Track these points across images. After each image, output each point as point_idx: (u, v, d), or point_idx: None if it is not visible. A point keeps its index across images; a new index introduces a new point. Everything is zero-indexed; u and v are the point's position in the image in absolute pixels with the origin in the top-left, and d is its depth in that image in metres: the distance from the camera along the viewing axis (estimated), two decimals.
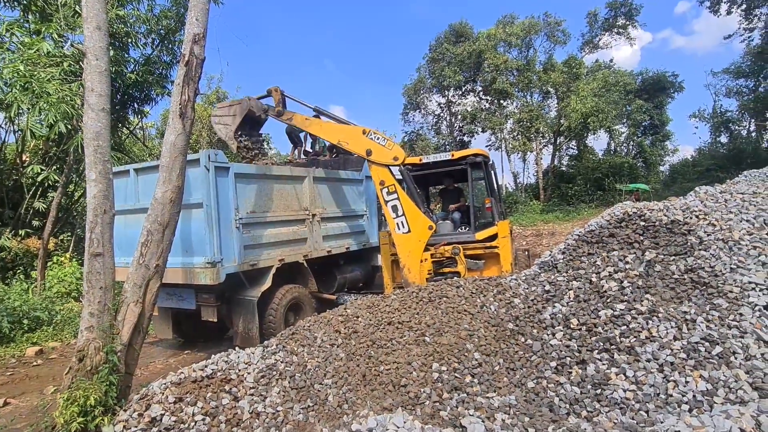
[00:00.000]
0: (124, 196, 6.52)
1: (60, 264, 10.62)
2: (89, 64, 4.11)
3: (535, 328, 4.27)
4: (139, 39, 10.69)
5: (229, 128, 7.74)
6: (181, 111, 4.30)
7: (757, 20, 27.02)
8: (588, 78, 29.18)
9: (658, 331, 3.71)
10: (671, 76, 31.84)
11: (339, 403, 3.89)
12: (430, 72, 31.54)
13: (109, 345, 3.84)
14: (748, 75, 30.01)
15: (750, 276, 3.97)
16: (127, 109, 11.80)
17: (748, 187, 5.57)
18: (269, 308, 6.77)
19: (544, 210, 27.44)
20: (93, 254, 3.98)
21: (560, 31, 29.92)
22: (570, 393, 3.54)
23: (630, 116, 30.49)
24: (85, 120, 4.09)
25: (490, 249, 6.96)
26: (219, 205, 6.06)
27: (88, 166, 4.06)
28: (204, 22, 4.42)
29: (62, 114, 7.98)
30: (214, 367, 4.35)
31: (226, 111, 7.90)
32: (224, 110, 7.95)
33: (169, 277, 5.55)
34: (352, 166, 9.59)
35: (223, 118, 7.87)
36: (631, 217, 5.15)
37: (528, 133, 29.72)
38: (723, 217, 4.81)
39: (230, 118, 7.78)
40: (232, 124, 7.73)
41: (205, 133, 20.82)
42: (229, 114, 7.82)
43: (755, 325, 3.51)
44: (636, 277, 4.33)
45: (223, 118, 7.87)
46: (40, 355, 7.59)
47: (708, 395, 3.15)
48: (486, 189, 7.72)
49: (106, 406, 3.69)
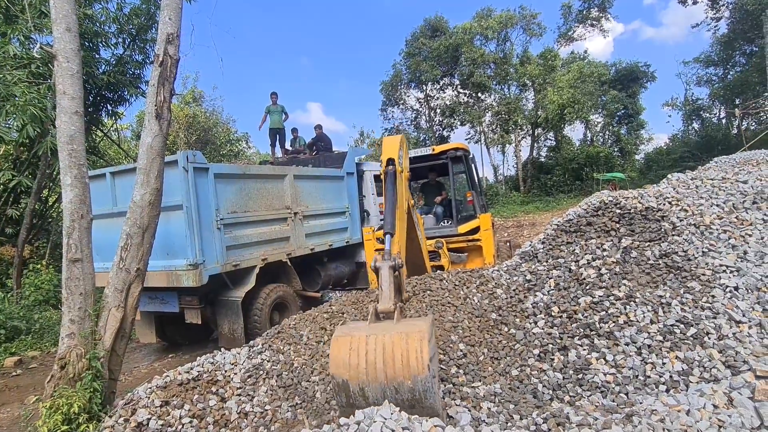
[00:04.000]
0: (101, 200, 6.40)
1: (36, 271, 10.36)
2: (60, 67, 4.02)
3: (518, 318, 4.36)
4: (110, 39, 10.46)
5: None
6: (157, 112, 4.23)
7: (724, 9, 27.72)
8: (564, 70, 29.59)
9: (636, 316, 3.82)
10: (644, 66, 32.46)
11: (327, 399, 3.91)
12: (406, 67, 31.55)
13: (92, 351, 3.79)
14: (717, 63, 30.82)
15: (721, 259, 4.12)
16: (101, 111, 11.55)
17: (718, 173, 5.75)
18: (254, 308, 6.74)
19: (524, 201, 27.80)
20: (72, 260, 3.91)
21: (536, 24, 30.24)
22: (553, 379, 3.62)
23: (605, 106, 31.03)
24: (58, 123, 4.01)
25: (472, 242, 7.05)
26: (199, 206, 6.00)
27: (63, 170, 3.98)
28: (177, 21, 4.36)
29: (30, 117, 7.77)
30: (200, 369, 4.33)
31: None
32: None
33: (150, 280, 5.50)
34: (332, 163, 9.59)
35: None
36: (607, 205, 5.28)
37: (506, 126, 30.04)
38: (694, 203, 4.97)
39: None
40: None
41: (182, 134, 20.50)
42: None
43: (727, 305, 3.64)
44: (613, 264, 4.45)
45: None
46: (20, 365, 7.42)
47: (684, 375, 3.27)
48: (467, 182, 7.80)
49: (90, 413, 3.64)
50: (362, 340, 2.93)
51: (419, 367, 2.81)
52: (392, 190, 4.33)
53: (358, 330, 3.04)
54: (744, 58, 28.90)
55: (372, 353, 2.88)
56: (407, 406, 2.87)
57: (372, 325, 3.11)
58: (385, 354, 2.86)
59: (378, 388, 2.87)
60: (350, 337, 2.97)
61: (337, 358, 2.94)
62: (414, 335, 2.88)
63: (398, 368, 2.83)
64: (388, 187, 4.38)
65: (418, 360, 2.81)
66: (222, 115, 23.96)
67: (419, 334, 2.89)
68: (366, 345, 2.91)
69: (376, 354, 2.87)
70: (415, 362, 2.81)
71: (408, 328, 2.96)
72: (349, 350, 2.92)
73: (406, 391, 2.84)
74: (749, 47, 27.87)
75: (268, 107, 12.50)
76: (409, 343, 2.85)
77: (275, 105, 12.50)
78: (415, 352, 2.82)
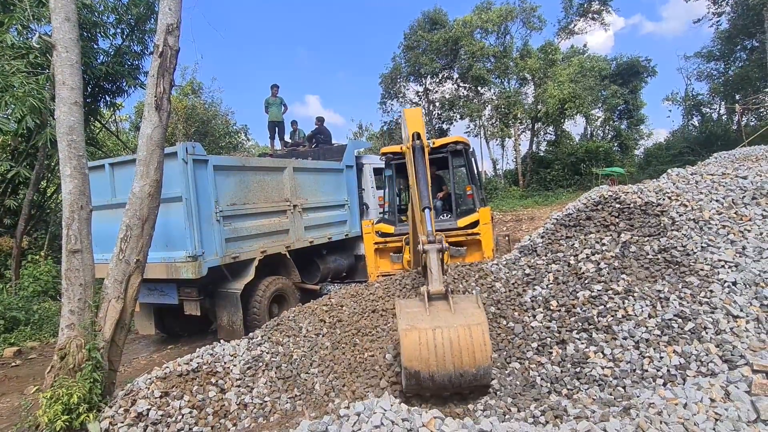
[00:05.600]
0: (100, 191, 6.39)
1: (35, 262, 10.35)
2: (59, 57, 3.99)
3: (517, 311, 4.37)
4: (109, 29, 10.37)
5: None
6: (156, 103, 4.21)
7: (725, 4, 27.59)
8: (564, 64, 29.45)
9: (634, 310, 3.84)
10: (644, 60, 32.33)
11: (326, 391, 3.93)
12: (406, 60, 31.38)
13: (92, 342, 3.79)
14: (719, 58, 30.71)
15: (719, 254, 4.13)
16: (99, 101, 11.48)
17: (718, 168, 5.76)
18: (253, 300, 6.76)
19: (523, 195, 27.77)
20: (71, 251, 3.91)
21: (536, 17, 30.04)
22: (551, 372, 3.65)
23: (606, 101, 30.93)
24: (58, 114, 3.99)
25: (471, 236, 7.04)
26: (198, 198, 5.99)
27: (62, 161, 3.96)
28: (177, 12, 4.33)
29: (29, 108, 7.73)
30: (200, 361, 4.35)
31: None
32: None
33: (150, 272, 5.50)
34: (331, 156, 9.56)
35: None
36: (607, 200, 5.28)
37: (506, 120, 29.92)
38: (694, 198, 4.98)
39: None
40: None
41: (181, 125, 20.39)
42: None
43: (724, 300, 3.66)
44: (612, 259, 4.46)
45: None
46: (19, 356, 7.43)
47: (681, 369, 3.29)
48: (467, 176, 7.78)
49: (90, 403, 3.65)
50: (429, 333, 3.25)
51: (483, 358, 3.22)
52: (422, 163, 4.31)
53: (420, 319, 3.33)
54: (745, 54, 28.82)
55: (441, 347, 3.22)
56: (467, 385, 3.33)
57: (431, 309, 3.42)
58: (452, 347, 3.22)
59: (445, 375, 3.25)
60: (417, 330, 3.26)
61: (410, 352, 3.25)
62: (476, 328, 3.24)
63: (465, 360, 3.21)
64: (418, 161, 4.34)
65: (482, 352, 3.22)
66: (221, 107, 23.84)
67: (481, 327, 3.25)
68: (434, 338, 3.23)
69: (444, 348, 3.22)
70: (480, 354, 3.21)
71: (469, 320, 3.28)
72: (419, 344, 3.24)
73: (470, 376, 3.26)
74: (750, 42, 27.78)
75: (267, 99, 12.45)
76: (474, 336, 3.22)
77: (275, 97, 12.45)
78: (480, 345, 3.21)
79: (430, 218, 4.09)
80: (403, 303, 3.67)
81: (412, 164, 4.60)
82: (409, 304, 3.64)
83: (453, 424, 2.73)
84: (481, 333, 3.22)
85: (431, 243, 3.78)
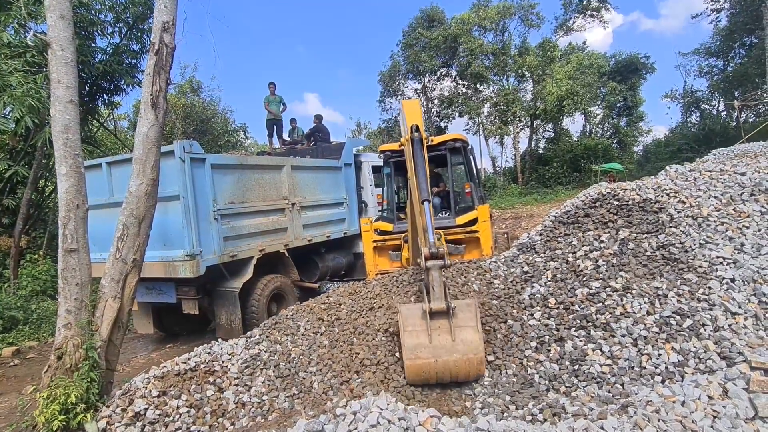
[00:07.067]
0: (97, 190, 6.37)
1: (33, 262, 10.34)
2: (54, 55, 3.96)
3: (515, 309, 4.37)
4: (106, 27, 10.34)
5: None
6: (153, 101, 4.19)
7: (724, 0, 27.55)
8: (562, 61, 29.39)
9: (632, 307, 3.84)
10: (643, 57, 32.25)
11: (324, 389, 3.93)
12: (404, 58, 31.31)
13: (89, 342, 3.78)
14: (718, 55, 30.66)
15: (718, 251, 4.12)
16: (97, 100, 11.45)
17: (716, 165, 5.75)
18: (251, 299, 6.75)
19: (522, 193, 27.74)
20: (67, 250, 3.90)
21: (534, 15, 29.97)
22: (549, 370, 3.64)
23: (604, 98, 30.89)
24: (53, 113, 3.97)
25: (470, 233, 7.03)
26: (196, 196, 5.98)
27: (58, 160, 3.95)
28: (173, 9, 4.30)
29: (28, 108, 7.70)
30: (198, 360, 4.34)
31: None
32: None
33: (148, 271, 5.48)
34: (330, 154, 9.55)
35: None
36: (605, 197, 5.27)
37: (504, 117, 29.87)
38: (692, 195, 4.97)
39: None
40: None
41: (179, 124, 20.34)
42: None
43: (723, 297, 3.65)
44: (610, 256, 4.45)
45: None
46: (17, 355, 7.42)
47: (679, 366, 3.29)
48: (465, 174, 7.77)
49: (87, 403, 3.64)
50: (431, 363, 3.64)
51: (477, 374, 3.73)
52: (421, 155, 4.29)
53: (423, 346, 3.68)
54: (743, 50, 28.78)
55: (441, 372, 3.67)
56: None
57: (432, 329, 3.71)
58: (451, 374, 3.67)
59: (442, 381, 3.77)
60: (421, 361, 3.65)
61: (413, 377, 3.74)
62: (473, 360, 3.62)
63: (461, 377, 3.71)
64: (417, 152, 4.33)
65: (477, 372, 3.70)
66: (220, 106, 23.76)
67: (478, 359, 3.63)
68: (435, 367, 3.65)
69: (443, 373, 3.67)
70: (475, 374, 3.71)
71: (467, 348, 3.62)
72: (422, 372, 3.68)
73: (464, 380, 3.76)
74: (749, 39, 27.73)
75: (266, 98, 12.42)
76: (470, 367, 3.64)
77: (273, 95, 12.43)
78: (475, 369, 3.67)
79: (429, 211, 4.07)
80: (405, 313, 3.86)
81: (411, 157, 4.58)
82: (411, 315, 3.83)
83: (450, 422, 2.73)
84: (477, 363, 3.63)
85: (434, 258, 3.77)
